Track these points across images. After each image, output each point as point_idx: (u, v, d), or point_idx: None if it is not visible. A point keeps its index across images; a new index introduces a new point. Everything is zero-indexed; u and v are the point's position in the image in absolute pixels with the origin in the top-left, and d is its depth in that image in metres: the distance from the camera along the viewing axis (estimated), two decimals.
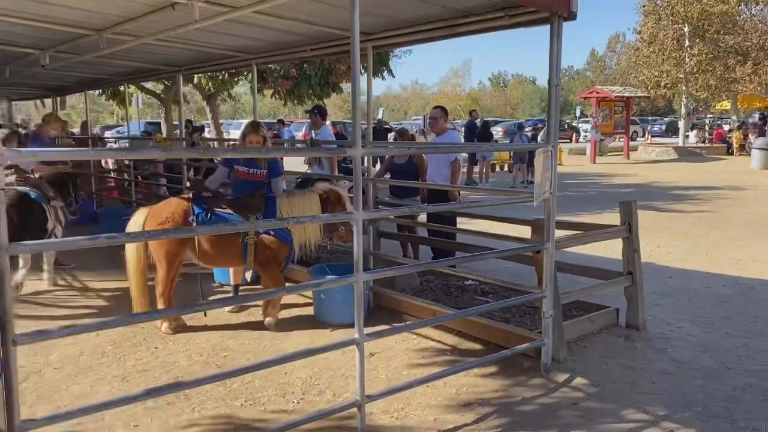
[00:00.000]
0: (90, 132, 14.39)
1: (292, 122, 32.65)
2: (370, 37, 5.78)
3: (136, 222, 5.40)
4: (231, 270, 6.15)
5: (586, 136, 37.54)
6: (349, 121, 32.47)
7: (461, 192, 7.96)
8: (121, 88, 19.46)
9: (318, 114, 8.70)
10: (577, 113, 45.98)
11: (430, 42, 5.27)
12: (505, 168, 21.77)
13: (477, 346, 5.15)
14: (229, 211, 5.38)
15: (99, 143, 12.27)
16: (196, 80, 14.80)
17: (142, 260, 5.41)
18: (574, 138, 42.25)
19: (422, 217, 7.63)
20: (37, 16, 5.89)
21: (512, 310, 5.69)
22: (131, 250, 5.41)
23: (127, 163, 11.18)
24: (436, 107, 7.34)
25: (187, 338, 5.37)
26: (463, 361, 4.84)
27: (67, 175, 7.30)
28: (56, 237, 6.50)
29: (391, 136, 16.99)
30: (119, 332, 5.48)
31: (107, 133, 24.50)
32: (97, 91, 19.04)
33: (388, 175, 7.63)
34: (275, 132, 16.30)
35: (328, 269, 5.90)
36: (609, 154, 29.11)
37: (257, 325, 5.62)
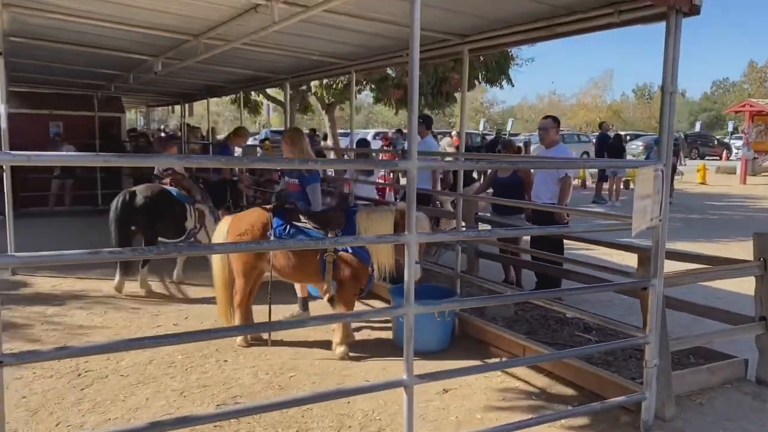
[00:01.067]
0: (213, 138, 14.96)
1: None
2: (466, 39, 5.29)
3: (221, 230, 5.29)
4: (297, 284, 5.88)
5: (737, 153, 34.14)
6: (475, 131, 31.89)
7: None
8: (252, 96, 20.39)
9: (422, 123, 8.29)
10: (730, 128, 42.05)
11: (527, 44, 4.71)
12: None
13: (569, 392, 4.47)
14: (309, 224, 5.10)
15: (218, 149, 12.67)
16: (314, 89, 14.96)
17: (226, 270, 5.29)
18: (724, 155, 38.66)
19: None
20: (144, 23, 6.06)
21: (616, 351, 4.92)
22: (216, 260, 5.30)
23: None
24: (546, 117, 6.67)
25: (259, 353, 5.14)
26: (550, 408, 4.21)
27: (227, 182, 7.82)
28: (195, 238, 6.89)
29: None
30: (196, 343, 5.40)
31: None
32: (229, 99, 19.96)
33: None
34: (391, 140, 16.05)
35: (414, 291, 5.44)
36: (762, 174, 26.11)
37: (331, 345, 5.29)
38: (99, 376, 4.56)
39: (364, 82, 14.70)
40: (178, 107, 15.29)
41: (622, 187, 17.73)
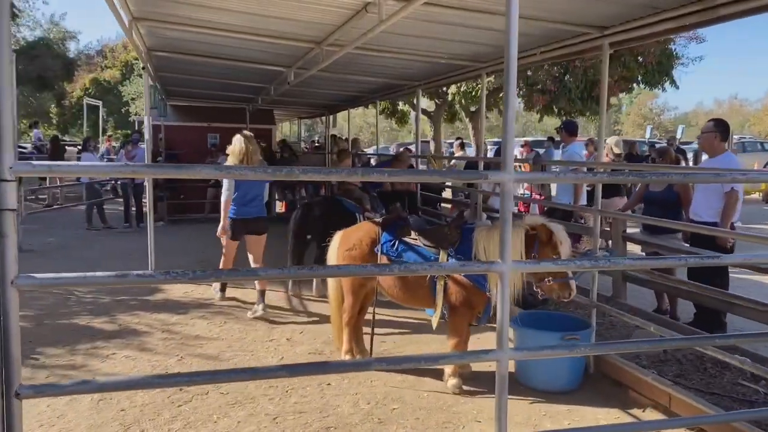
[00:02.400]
0: (358, 149, 15.02)
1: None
2: (606, 33, 4.56)
3: (333, 245, 5.02)
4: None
5: None
6: (641, 139, 29.59)
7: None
8: (399, 106, 20.40)
9: (565, 130, 7.52)
10: None
11: (679, 32, 3.90)
12: None
13: None
14: (419, 242, 4.66)
15: (356, 160, 12.63)
16: (450, 96, 14.52)
17: (339, 288, 5.01)
18: None
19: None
20: (272, 32, 6.03)
21: None
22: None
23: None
24: (711, 121, 5.65)
25: (364, 378, 4.77)
26: None
27: (402, 193, 8.13)
28: None
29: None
30: (305, 354, 5.17)
31: (369, 150, 25.68)
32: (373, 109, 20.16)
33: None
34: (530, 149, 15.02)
35: (533, 321, 4.80)
36: None
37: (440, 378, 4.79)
38: (200, 392, 4.43)
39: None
40: (338, 117, 15.57)
41: None
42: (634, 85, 13.06)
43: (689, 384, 4.34)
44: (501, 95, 14.36)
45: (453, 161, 12.65)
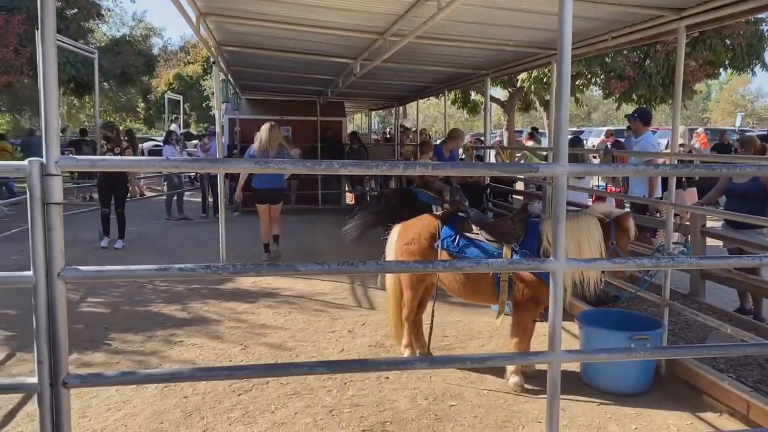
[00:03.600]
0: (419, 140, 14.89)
1: (657, 129, 28.82)
2: (682, 15, 4.27)
3: (391, 239, 4.98)
4: None
5: None
6: (731, 127, 28.02)
7: None
8: (471, 96, 20.12)
9: (638, 118, 7.15)
10: None
11: (762, 12, 3.56)
12: None
13: None
14: (482, 236, 4.53)
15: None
16: (520, 83, 14.12)
17: (398, 282, 4.96)
18: None
19: None
20: (336, 25, 6.07)
21: None
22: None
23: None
24: None
25: (424, 373, 4.70)
26: None
27: (480, 187, 8.03)
28: None
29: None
30: (365, 346, 5.17)
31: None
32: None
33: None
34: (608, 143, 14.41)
35: (601, 319, 4.59)
36: None
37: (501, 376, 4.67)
38: (260, 381, 4.49)
39: (588, 75, 13.45)
40: (410, 108, 15.50)
41: None
42: (721, 70, 12.27)
43: None
44: (578, 83, 13.89)
45: (523, 152, 12.34)
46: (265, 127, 8.07)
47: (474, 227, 4.59)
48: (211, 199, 13.20)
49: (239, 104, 13.56)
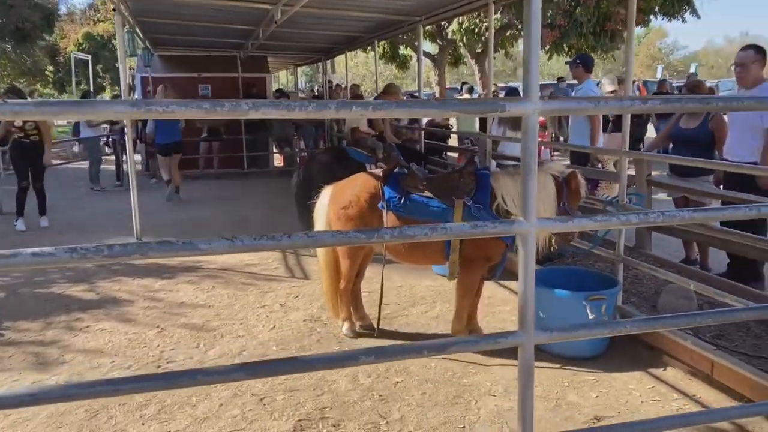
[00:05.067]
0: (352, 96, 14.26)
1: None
2: None
3: (322, 203, 4.44)
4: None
5: None
6: (653, 79, 28.60)
7: None
8: (400, 51, 19.50)
9: (580, 65, 6.82)
10: None
11: None
12: None
13: None
14: (428, 194, 4.09)
15: None
16: (451, 34, 13.65)
17: (330, 250, 4.44)
18: None
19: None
20: None
21: None
22: None
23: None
24: (745, 48, 4.96)
25: (366, 345, 4.26)
26: None
27: (414, 151, 7.72)
28: None
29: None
30: (299, 321, 4.68)
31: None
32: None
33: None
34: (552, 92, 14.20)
35: (551, 278, 4.24)
36: None
37: None
38: (180, 368, 3.95)
39: (519, 25, 13.09)
40: (339, 65, 14.75)
41: None
42: (651, 17, 12.14)
43: (732, 347, 3.81)
44: (508, 33, 13.52)
45: None
46: (159, 89, 10.12)
47: (419, 184, 4.14)
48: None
49: (151, 61, 12.49)
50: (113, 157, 12.83)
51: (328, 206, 4.33)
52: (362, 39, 10.70)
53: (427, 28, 16.59)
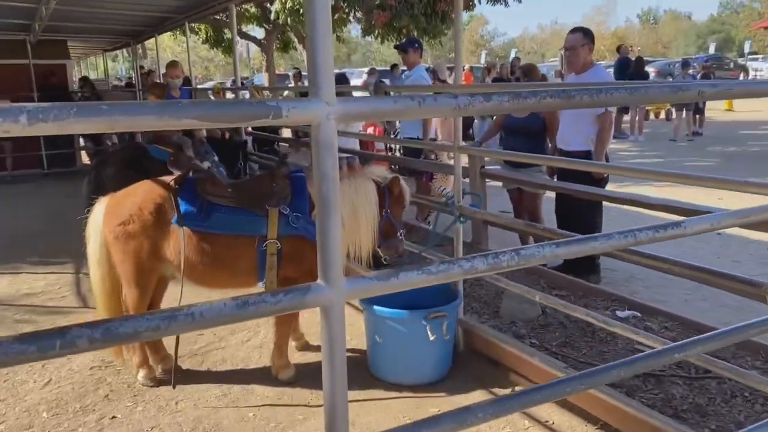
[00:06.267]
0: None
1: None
2: None
3: (95, 219, 3.51)
4: None
5: (756, 75, 32.05)
6: (478, 65, 29.70)
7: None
8: (225, 35, 18.24)
9: (419, 48, 6.39)
10: (747, 49, 39.41)
11: None
12: (662, 116, 18.15)
13: None
14: (235, 201, 3.37)
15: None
16: (274, 14, 12.86)
17: (109, 278, 3.52)
18: (741, 78, 36.28)
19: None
20: None
21: (710, 385, 3.20)
22: (93, 262, 3.54)
23: None
24: (573, 31, 4.76)
25: (169, 398, 3.46)
26: None
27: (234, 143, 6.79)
28: None
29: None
30: (84, 371, 3.73)
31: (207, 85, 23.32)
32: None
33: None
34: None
35: (387, 294, 3.72)
36: None
37: (274, 381, 3.61)
38: None
39: (346, 9, 12.57)
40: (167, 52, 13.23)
41: (644, 119, 15.73)
42: (476, 2, 12.15)
43: (580, 357, 3.52)
44: (336, 17, 12.94)
45: (286, 93, 11.22)
46: None
47: (222, 191, 3.40)
48: None
49: None
50: None
51: (105, 223, 3.42)
52: (172, 20, 9.54)
53: (252, 10, 15.59)
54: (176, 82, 6.64)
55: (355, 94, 9.22)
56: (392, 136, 7.91)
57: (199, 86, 17.16)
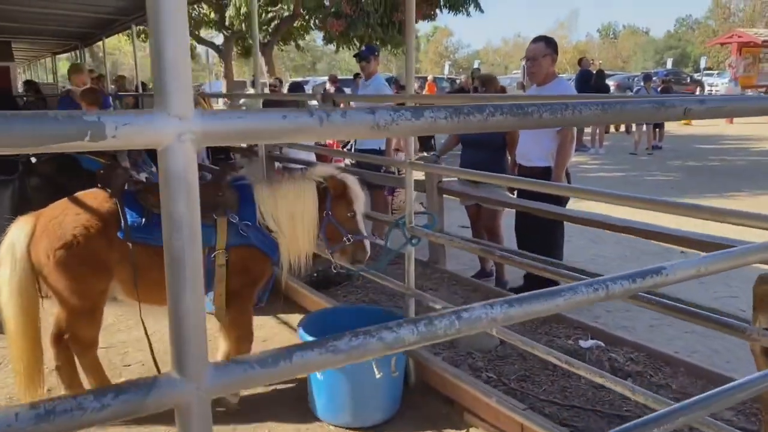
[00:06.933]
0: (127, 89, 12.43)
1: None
2: None
3: (17, 242, 2.94)
4: None
5: (711, 91, 32.77)
6: (441, 76, 29.67)
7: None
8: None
9: (378, 55, 6.10)
10: (703, 64, 40.36)
11: None
12: (622, 128, 18.24)
13: None
14: None
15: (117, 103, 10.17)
16: (229, 20, 12.47)
17: (31, 306, 3.03)
18: (698, 93, 37.10)
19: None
20: None
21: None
22: (8, 296, 2.97)
23: None
24: (536, 40, 4.50)
25: None
26: None
27: None
28: None
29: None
30: None
31: None
32: None
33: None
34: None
35: (331, 323, 3.37)
36: None
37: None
38: None
39: (306, 15, 12.24)
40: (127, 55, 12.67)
41: (604, 132, 15.74)
42: (437, 10, 11.93)
43: (541, 394, 3.22)
44: (297, 24, 12.61)
45: (242, 101, 10.82)
46: None
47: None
48: None
49: None
50: None
51: (35, 247, 2.95)
52: (119, 23, 9.08)
53: (212, 15, 15.14)
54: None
55: (312, 103, 8.90)
56: (347, 147, 7.58)
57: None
